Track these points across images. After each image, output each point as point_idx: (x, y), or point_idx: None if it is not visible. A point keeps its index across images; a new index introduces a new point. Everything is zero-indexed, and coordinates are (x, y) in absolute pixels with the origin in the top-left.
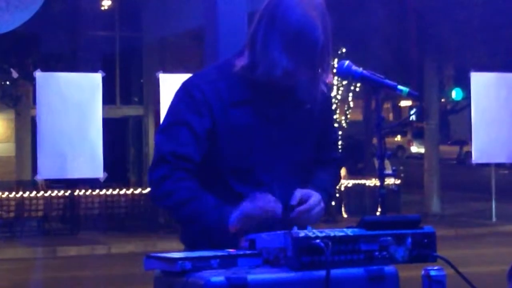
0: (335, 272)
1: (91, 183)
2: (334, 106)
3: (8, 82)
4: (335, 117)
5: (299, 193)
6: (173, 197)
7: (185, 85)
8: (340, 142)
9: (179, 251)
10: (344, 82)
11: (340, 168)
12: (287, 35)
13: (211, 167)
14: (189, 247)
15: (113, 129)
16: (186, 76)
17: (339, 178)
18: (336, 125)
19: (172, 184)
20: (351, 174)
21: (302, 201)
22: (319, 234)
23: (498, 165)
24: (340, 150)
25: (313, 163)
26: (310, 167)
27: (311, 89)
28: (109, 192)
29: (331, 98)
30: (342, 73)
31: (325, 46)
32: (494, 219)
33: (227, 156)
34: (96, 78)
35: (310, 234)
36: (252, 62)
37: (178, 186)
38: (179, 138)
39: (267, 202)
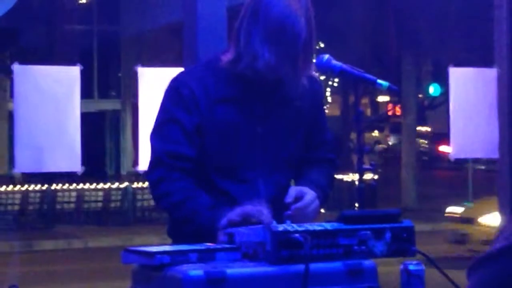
0: (314, 266)
1: (68, 177)
2: None
3: None
4: None
5: (293, 190)
6: (170, 199)
7: (173, 83)
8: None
9: (157, 244)
10: (322, 78)
11: (336, 170)
12: (269, 28)
13: (198, 164)
14: (176, 242)
15: (91, 123)
16: (164, 70)
17: (333, 179)
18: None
19: (168, 186)
20: None
21: (298, 199)
22: (298, 228)
23: (475, 161)
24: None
25: (302, 161)
26: (297, 164)
27: (295, 84)
28: (86, 186)
29: (322, 96)
30: (322, 67)
31: (308, 40)
32: None
33: (211, 153)
34: (74, 72)
35: (289, 228)
36: (237, 56)
37: (174, 187)
38: (171, 137)
39: (253, 208)
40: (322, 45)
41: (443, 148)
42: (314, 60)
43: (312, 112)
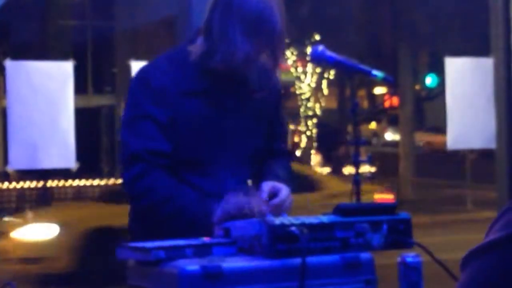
0: (310, 259)
1: (64, 173)
2: (308, 94)
3: None
4: (309, 105)
5: (267, 186)
6: (151, 196)
7: (141, 74)
8: (314, 130)
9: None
10: (318, 70)
11: (290, 162)
12: (247, 20)
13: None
14: (137, 238)
15: (85, 119)
16: None
17: (291, 171)
18: (310, 113)
19: (149, 182)
20: (326, 162)
21: (272, 194)
22: (295, 222)
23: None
24: (315, 139)
25: (264, 154)
26: (261, 157)
27: (270, 75)
28: (82, 183)
29: (281, 87)
30: (317, 58)
31: (282, 31)
32: (469, 205)
33: (181, 147)
34: (67, 67)
35: (285, 221)
36: (210, 49)
37: (156, 184)
38: (147, 133)
39: (249, 203)
40: (317, 37)
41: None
42: (308, 52)
43: (273, 104)
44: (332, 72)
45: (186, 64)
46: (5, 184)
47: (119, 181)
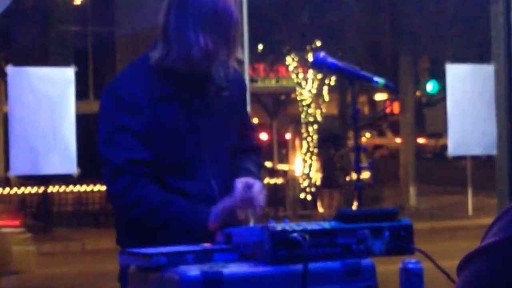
0: (312, 265)
1: (65, 179)
2: (309, 101)
3: None
4: (309, 111)
5: (240, 183)
6: (143, 205)
7: (110, 88)
8: (315, 137)
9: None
10: (319, 76)
11: (260, 157)
12: (202, 14)
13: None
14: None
15: (86, 124)
16: None
17: (261, 167)
18: (311, 119)
19: (138, 192)
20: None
21: (246, 190)
22: (296, 228)
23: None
24: (316, 144)
25: (237, 150)
26: (235, 153)
27: (227, 67)
28: (83, 189)
29: (245, 84)
30: (318, 65)
31: (237, 22)
32: (470, 212)
33: (160, 152)
34: (68, 73)
35: (287, 227)
36: (167, 50)
37: (145, 193)
38: (125, 144)
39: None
40: (318, 43)
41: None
42: (308, 59)
43: (241, 101)
44: (333, 78)
45: (151, 71)
46: (6, 190)
47: None
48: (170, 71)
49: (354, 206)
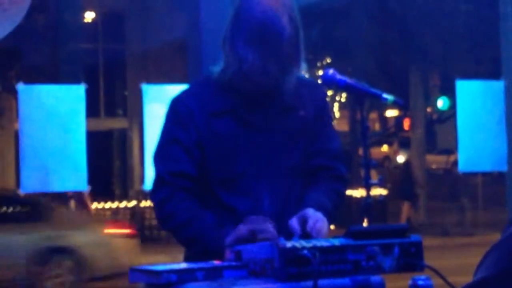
0: (322, 282)
1: None
2: None
3: None
4: None
5: (294, 222)
6: (174, 220)
7: (171, 102)
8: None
9: (164, 263)
10: (330, 93)
11: (341, 180)
12: (250, 29)
13: (200, 180)
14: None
15: (97, 142)
16: (170, 87)
17: (339, 192)
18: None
19: (172, 207)
20: None
21: (302, 225)
22: (306, 245)
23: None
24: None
25: (304, 170)
26: (301, 174)
27: (285, 84)
28: (93, 206)
29: (325, 103)
30: (327, 82)
31: (293, 38)
32: (481, 228)
33: (213, 166)
34: (79, 90)
35: (297, 244)
36: (226, 64)
37: (178, 208)
38: (172, 156)
39: (259, 224)
40: (329, 60)
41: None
42: (319, 75)
43: (316, 121)
44: (344, 95)
45: (213, 85)
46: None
47: (131, 204)
48: (229, 87)
49: (365, 223)
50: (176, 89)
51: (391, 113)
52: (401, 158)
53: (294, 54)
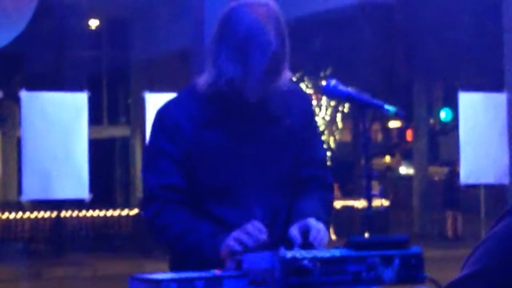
0: None
1: (77, 204)
2: (322, 128)
3: None
4: (323, 138)
5: (295, 230)
6: (169, 232)
7: (157, 114)
8: (328, 163)
9: (165, 272)
10: (332, 103)
11: (329, 189)
12: (235, 42)
13: (190, 191)
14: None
15: (99, 150)
16: (173, 96)
17: (330, 202)
18: (324, 146)
19: (165, 219)
20: (340, 196)
21: (304, 235)
22: (307, 255)
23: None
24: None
25: (294, 180)
26: (292, 184)
27: (293, 99)
28: (95, 214)
29: (312, 112)
30: (329, 92)
31: (279, 51)
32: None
33: (202, 178)
34: (81, 98)
35: (298, 255)
36: (209, 75)
37: (171, 220)
38: (160, 169)
39: (253, 228)
40: (330, 70)
41: None
42: (320, 85)
43: (303, 129)
44: (347, 105)
45: (198, 96)
46: (19, 214)
47: (133, 212)
48: (216, 97)
49: (366, 234)
50: None
51: (394, 124)
52: (403, 169)
53: (280, 66)
